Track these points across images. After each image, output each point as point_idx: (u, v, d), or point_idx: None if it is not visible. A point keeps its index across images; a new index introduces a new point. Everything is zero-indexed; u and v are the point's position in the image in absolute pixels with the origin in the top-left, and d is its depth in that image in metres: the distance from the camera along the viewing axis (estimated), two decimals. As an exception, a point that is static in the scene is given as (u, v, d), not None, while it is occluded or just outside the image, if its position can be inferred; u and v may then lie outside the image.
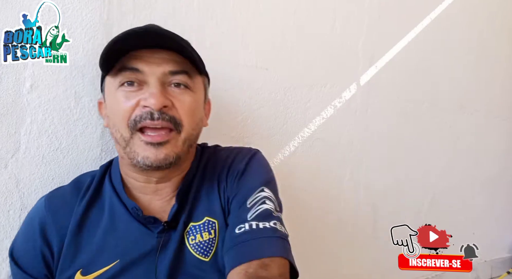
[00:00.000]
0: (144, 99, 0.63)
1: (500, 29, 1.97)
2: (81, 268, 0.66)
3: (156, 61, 0.64)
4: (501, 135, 2.00)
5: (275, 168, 1.19)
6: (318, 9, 1.27)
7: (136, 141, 0.64)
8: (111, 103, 0.67)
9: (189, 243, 0.68)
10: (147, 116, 0.62)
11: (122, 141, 0.65)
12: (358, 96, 1.39)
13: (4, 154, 0.79)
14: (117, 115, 0.64)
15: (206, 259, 0.68)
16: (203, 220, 0.70)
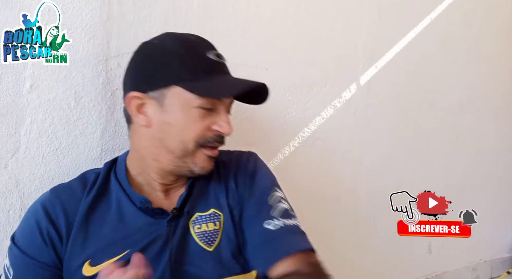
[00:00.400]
0: (220, 126, 0.70)
1: (500, 29, 1.97)
2: (90, 258, 0.67)
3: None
4: (501, 135, 2.00)
5: (275, 168, 1.19)
6: (318, 9, 1.27)
7: (199, 154, 0.71)
8: (181, 116, 0.69)
9: (194, 231, 0.72)
10: (217, 139, 0.71)
11: (181, 151, 0.70)
12: (358, 96, 1.39)
13: (4, 154, 0.79)
14: (190, 132, 0.69)
15: (209, 248, 0.71)
16: (209, 211, 0.74)
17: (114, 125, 0.91)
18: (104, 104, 0.89)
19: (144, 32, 0.94)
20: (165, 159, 0.71)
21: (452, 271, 1.76)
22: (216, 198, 0.76)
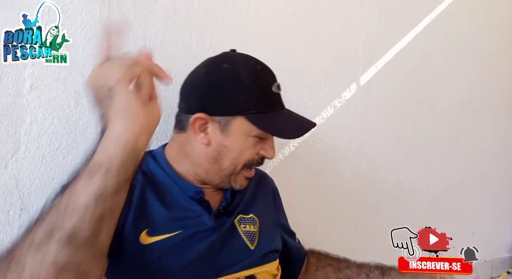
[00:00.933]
0: (267, 151, 0.79)
1: (500, 29, 1.97)
2: (147, 228, 0.71)
3: None
4: (501, 135, 2.00)
5: (275, 168, 1.19)
6: (318, 9, 1.28)
7: (241, 175, 0.80)
8: (239, 142, 0.77)
9: (241, 230, 0.81)
10: (259, 162, 0.80)
11: (230, 171, 0.78)
12: (358, 96, 1.39)
13: (4, 154, 0.79)
14: (242, 156, 0.78)
15: (252, 246, 0.81)
16: (249, 215, 0.85)
17: (114, 125, 0.90)
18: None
19: (144, 32, 0.94)
20: (213, 174, 0.79)
21: (452, 271, 1.76)
22: (255, 205, 0.87)
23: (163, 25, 0.96)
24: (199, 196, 0.78)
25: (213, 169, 0.79)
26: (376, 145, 1.46)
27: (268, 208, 0.93)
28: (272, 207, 0.94)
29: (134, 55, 0.54)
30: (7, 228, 0.80)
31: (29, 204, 0.81)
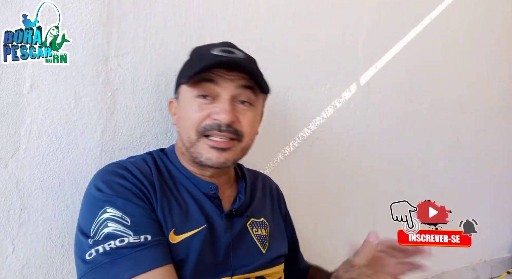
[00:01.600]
0: (216, 113, 0.73)
1: (500, 29, 1.97)
2: (174, 227, 0.71)
3: (230, 80, 0.75)
4: (501, 135, 2.00)
5: (276, 168, 1.19)
6: (318, 9, 1.28)
7: (202, 144, 0.74)
8: (185, 108, 0.77)
9: (253, 233, 0.81)
10: (215, 127, 0.73)
11: (188, 142, 0.76)
12: (358, 96, 1.39)
13: (4, 154, 0.79)
14: (189, 121, 0.75)
15: (263, 250, 0.81)
16: (261, 219, 0.85)
17: (114, 125, 0.91)
18: (104, 104, 0.89)
19: (144, 32, 0.94)
20: (184, 151, 0.78)
21: (452, 271, 1.76)
22: (265, 209, 0.88)
23: (163, 25, 0.96)
24: (213, 192, 0.78)
25: (183, 146, 0.78)
26: (376, 145, 1.46)
27: (276, 213, 0.93)
28: (279, 213, 0.94)
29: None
30: (7, 228, 0.80)
31: (29, 204, 0.81)
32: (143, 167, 0.76)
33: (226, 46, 0.79)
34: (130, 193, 0.69)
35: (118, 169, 0.73)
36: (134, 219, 0.66)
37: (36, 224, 0.82)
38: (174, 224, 0.71)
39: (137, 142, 0.94)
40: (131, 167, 0.74)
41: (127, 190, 0.70)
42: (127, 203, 0.68)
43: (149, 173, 0.75)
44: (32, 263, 0.82)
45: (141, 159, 0.79)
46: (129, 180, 0.71)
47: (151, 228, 0.68)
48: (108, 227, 0.65)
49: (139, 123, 0.94)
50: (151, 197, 0.71)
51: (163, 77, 0.96)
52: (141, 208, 0.69)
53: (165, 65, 0.96)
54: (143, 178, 0.72)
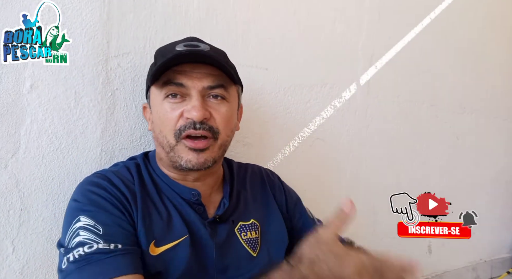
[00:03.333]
0: (188, 111, 0.71)
1: (500, 29, 1.97)
2: (154, 240, 0.70)
3: (197, 75, 0.72)
4: (501, 135, 2.00)
5: (275, 168, 1.19)
6: (318, 9, 1.27)
7: (181, 147, 0.72)
8: (157, 112, 0.74)
9: (242, 238, 0.79)
10: (190, 126, 0.71)
11: (167, 146, 0.73)
12: (358, 96, 1.39)
13: (4, 154, 0.79)
14: (165, 124, 0.73)
15: (254, 254, 0.79)
16: (250, 221, 0.81)
17: (114, 125, 0.91)
18: (104, 104, 0.89)
19: (144, 32, 0.94)
20: (163, 156, 0.76)
21: (452, 271, 1.76)
22: (255, 209, 0.84)
23: (163, 25, 0.96)
24: (196, 198, 0.76)
25: (161, 152, 0.75)
26: (376, 145, 1.46)
27: (271, 208, 0.88)
28: (276, 206, 0.89)
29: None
30: (7, 228, 0.80)
31: (29, 204, 0.81)
32: (125, 176, 0.74)
33: (190, 40, 0.77)
34: (106, 202, 0.68)
35: (97, 179, 0.71)
36: (107, 228, 0.65)
37: (36, 224, 0.82)
38: (155, 235, 0.70)
39: (137, 142, 0.94)
40: (112, 177, 0.72)
41: (103, 199, 0.68)
42: (100, 212, 0.66)
43: (131, 182, 0.73)
44: (32, 263, 0.82)
45: (124, 167, 0.77)
46: (107, 190, 0.69)
47: (123, 238, 0.66)
48: (80, 236, 0.64)
49: (139, 123, 0.94)
50: (130, 208, 0.70)
51: (163, 77, 0.96)
52: (115, 218, 0.67)
53: (165, 65, 0.96)
54: (124, 188, 0.71)
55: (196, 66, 0.72)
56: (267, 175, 0.93)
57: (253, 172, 0.92)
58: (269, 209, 0.87)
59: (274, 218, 0.87)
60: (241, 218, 0.81)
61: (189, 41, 0.77)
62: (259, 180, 0.91)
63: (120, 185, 0.71)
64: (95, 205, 0.67)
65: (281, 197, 0.91)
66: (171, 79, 0.71)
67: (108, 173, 0.73)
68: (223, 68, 0.73)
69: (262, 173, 0.93)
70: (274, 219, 0.86)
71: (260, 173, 0.92)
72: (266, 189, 0.90)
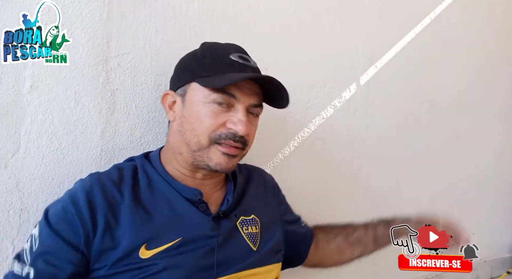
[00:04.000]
0: (233, 123, 0.73)
1: (500, 29, 1.97)
2: (145, 243, 0.70)
3: (247, 91, 0.75)
4: (501, 135, 2.00)
5: (275, 168, 1.19)
6: (318, 9, 1.27)
7: (213, 150, 0.73)
8: (196, 110, 0.74)
9: (243, 232, 0.81)
10: (231, 137, 0.73)
11: (196, 145, 0.74)
12: (358, 96, 1.39)
13: (4, 154, 0.79)
14: (201, 125, 0.73)
15: (254, 248, 0.81)
16: (251, 217, 0.84)
17: (114, 125, 0.91)
18: (104, 104, 0.89)
19: (144, 32, 0.94)
20: (184, 152, 0.76)
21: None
22: (255, 205, 0.87)
23: (163, 25, 0.96)
24: (198, 198, 0.76)
25: (182, 146, 0.76)
26: (376, 145, 1.46)
27: (270, 205, 0.92)
28: (274, 204, 0.94)
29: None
30: (7, 228, 0.80)
31: (29, 204, 0.81)
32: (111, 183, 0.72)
33: (240, 52, 0.79)
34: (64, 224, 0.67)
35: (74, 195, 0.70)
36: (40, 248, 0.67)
37: (36, 224, 0.82)
38: (145, 238, 0.70)
39: (137, 142, 0.94)
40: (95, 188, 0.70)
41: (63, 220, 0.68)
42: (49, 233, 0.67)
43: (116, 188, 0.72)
44: (32, 263, 0.82)
45: (116, 169, 0.76)
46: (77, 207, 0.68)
47: (46, 268, 0.66)
48: (26, 243, 0.69)
49: (139, 123, 0.94)
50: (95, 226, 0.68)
51: (163, 77, 0.96)
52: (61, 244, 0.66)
53: (165, 65, 0.96)
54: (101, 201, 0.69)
55: (249, 82, 0.75)
56: (263, 175, 0.98)
57: (253, 173, 0.95)
58: (268, 207, 0.91)
59: (273, 216, 0.91)
60: (243, 212, 0.83)
61: (240, 52, 0.78)
62: (260, 180, 0.94)
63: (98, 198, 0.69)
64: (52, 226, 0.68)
65: (277, 195, 0.97)
66: (226, 88, 0.72)
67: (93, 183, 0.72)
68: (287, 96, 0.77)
69: (261, 174, 0.98)
70: (272, 217, 0.90)
71: (259, 173, 0.97)
72: (265, 188, 0.94)
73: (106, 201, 0.70)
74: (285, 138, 1.22)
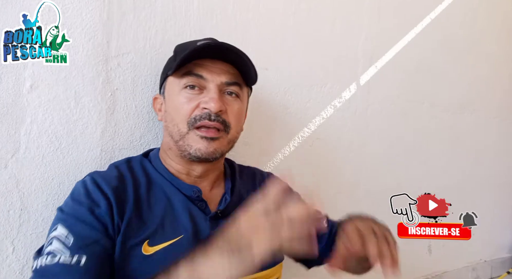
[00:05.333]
0: (205, 102, 0.73)
1: (500, 29, 1.97)
2: (148, 239, 0.70)
3: (217, 70, 0.75)
4: (501, 135, 2.00)
5: (275, 168, 1.19)
6: (318, 9, 1.28)
7: (192, 135, 0.74)
8: (173, 101, 0.76)
9: None
10: (206, 116, 0.73)
11: (177, 135, 0.75)
12: (358, 96, 1.39)
13: (4, 154, 0.79)
14: (179, 113, 0.74)
15: None
16: None
17: (114, 125, 0.91)
18: (104, 104, 0.89)
19: (144, 32, 0.94)
20: (172, 145, 0.77)
21: (452, 271, 1.76)
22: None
23: (163, 25, 0.96)
24: (197, 195, 0.76)
25: (170, 141, 0.77)
26: (376, 145, 1.46)
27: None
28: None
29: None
30: (7, 228, 0.80)
31: (29, 204, 0.81)
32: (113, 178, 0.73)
33: (211, 39, 0.80)
34: (87, 212, 0.67)
35: (84, 187, 0.70)
36: (78, 240, 0.64)
37: (36, 224, 0.82)
38: (148, 235, 0.70)
39: (137, 142, 0.94)
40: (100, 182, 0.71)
41: (84, 209, 0.67)
42: (77, 223, 0.66)
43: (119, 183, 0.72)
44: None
45: (114, 168, 0.77)
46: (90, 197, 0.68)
47: (91, 251, 0.64)
48: (51, 245, 0.63)
49: (139, 123, 0.94)
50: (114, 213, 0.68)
51: (163, 77, 0.96)
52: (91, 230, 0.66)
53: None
54: (110, 193, 0.69)
55: (217, 61, 0.75)
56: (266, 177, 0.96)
57: (254, 174, 0.94)
58: None
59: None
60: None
61: (211, 40, 0.80)
62: (262, 182, 0.93)
63: (106, 190, 0.69)
64: (74, 216, 0.67)
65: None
66: (192, 70, 0.74)
67: (98, 178, 0.72)
68: (245, 68, 0.77)
69: (263, 175, 0.95)
70: None
71: (261, 175, 0.95)
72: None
73: (112, 190, 0.70)
74: (285, 138, 1.22)
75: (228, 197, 0.81)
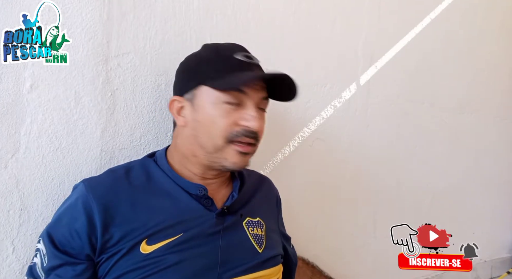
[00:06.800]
0: (246, 120, 0.74)
1: (500, 29, 1.97)
2: (146, 238, 0.70)
3: (257, 87, 0.77)
4: (501, 135, 2.00)
5: (275, 168, 1.19)
6: (318, 9, 1.28)
7: (229, 150, 0.75)
8: (207, 113, 0.75)
9: (249, 232, 0.81)
10: (246, 134, 0.74)
11: (211, 147, 0.75)
12: (358, 96, 1.39)
13: (4, 154, 0.79)
14: (215, 126, 0.74)
15: (260, 250, 0.80)
16: (257, 219, 0.84)
17: (114, 125, 0.91)
18: (104, 104, 0.89)
19: (144, 32, 0.94)
20: (200, 155, 0.77)
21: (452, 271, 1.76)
22: (262, 209, 0.87)
23: (163, 25, 0.96)
24: (202, 193, 0.76)
25: (197, 150, 0.76)
26: (376, 145, 1.46)
27: (272, 213, 0.93)
28: (275, 214, 0.95)
29: None
30: (7, 228, 0.80)
31: (29, 204, 0.81)
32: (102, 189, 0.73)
33: (243, 51, 0.79)
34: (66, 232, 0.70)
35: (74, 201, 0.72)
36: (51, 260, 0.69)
37: (36, 224, 0.82)
38: (146, 235, 0.70)
39: (137, 142, 0.94)
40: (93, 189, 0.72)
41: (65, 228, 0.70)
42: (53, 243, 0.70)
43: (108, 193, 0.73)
44: (32, 263, 0.82)
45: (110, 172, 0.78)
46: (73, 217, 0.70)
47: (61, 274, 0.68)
48: (36, 257, 0.71)
49: (139, 123, 0.94)
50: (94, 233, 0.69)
51: (163, 77, 0.96)
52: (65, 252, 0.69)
53: (165, 65, 0.96)
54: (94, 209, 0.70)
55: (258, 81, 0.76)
56: (270, 185, 0.98)
57: (263, 180, 0.96)
58: (271, 215, 0.92)
59: (275, 225, 0.92)
60: (249, 214, 0.83)
61: (243, 51, 0.79)
62: (267, 189, 0.95)
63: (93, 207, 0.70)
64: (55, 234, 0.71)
65: (279, 208, 0.98)
66: (238, 87, 0.74)
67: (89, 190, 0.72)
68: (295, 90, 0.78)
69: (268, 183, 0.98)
70: (274, 225, 0.91)
71: (268, 183, 0.97)
72: (271, 197, 0.95)
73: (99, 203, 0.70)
74: (285, 138, 1.22)
75: (236, 194, 0.81)
